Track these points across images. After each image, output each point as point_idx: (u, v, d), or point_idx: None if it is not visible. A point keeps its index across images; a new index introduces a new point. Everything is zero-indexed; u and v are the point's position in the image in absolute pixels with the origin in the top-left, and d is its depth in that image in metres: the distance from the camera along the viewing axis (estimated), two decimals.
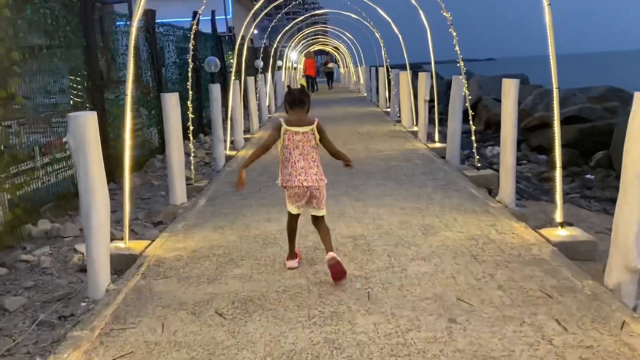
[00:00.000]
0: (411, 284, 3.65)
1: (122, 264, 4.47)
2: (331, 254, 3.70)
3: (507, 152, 5.60)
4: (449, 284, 3.61)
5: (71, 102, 7.65)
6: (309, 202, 3.83)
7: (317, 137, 3.76)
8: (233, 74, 10.37)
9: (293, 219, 3.99)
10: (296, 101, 3.78)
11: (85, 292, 3.99)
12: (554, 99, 4.52)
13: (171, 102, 6.10)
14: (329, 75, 30.65)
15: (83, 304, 3.85)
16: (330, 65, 31.21)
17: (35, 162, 6.64)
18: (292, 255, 4.07)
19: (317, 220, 3.91)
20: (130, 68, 4.45)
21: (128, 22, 10.38)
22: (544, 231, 4.65)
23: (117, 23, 9.42)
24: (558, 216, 4.63)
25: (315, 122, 3.77)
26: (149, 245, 4.76)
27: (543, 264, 3.91)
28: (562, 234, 4.56)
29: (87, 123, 3.72)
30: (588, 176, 9.50)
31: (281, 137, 3.74)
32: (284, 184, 3.82)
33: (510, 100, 5.52)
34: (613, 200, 8.42)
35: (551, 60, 4.41)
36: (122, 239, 4.78)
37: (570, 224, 5.42)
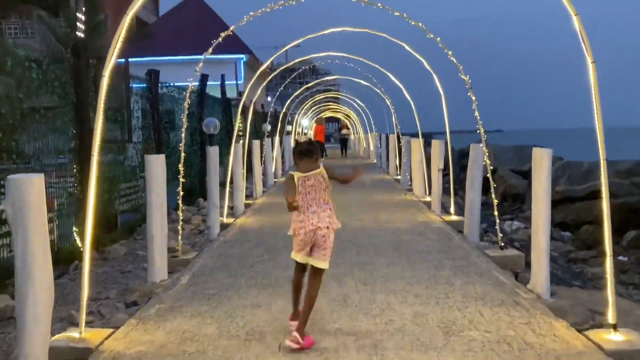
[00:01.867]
0: None
1: None
2: (295, 336, 3.52)
3: (539, 233, 4.80)
4: None
5: (57, 162, 7.08)
6: (313, 250, 3.72)
7: (326, 176, 3.80)
8: (234, 136, 9.79)
9: (299, 272, 3.91)
10: (304, 152, 3.85)
11: None
12: (602, 172, 3.77)
13: (156, 165, 5.43)
14: (344, 142, 28.02)
15: None
16: (345, 131, 28.84)
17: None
18: (297, 314, 3.83)
19: (314, 275, 3.76)
20: (99, 124, 3.81)
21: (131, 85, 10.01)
22: (592, 334, 3.78)
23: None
24: (610, 317, 3.77)
25: (322, 166, 3.85)
26: (110, 335, 3.94)
27: None
28: (616, 339, 3.69)
29: (29, 188, 3.01)
30: (620, 258, 8.60)
31: (296, 185, 3.76)
32: (296, 231, 3.76)
33: (543, 173, 4.77)
34: None
35: (596, 124, 3.70)
36: (86, 323, 3.96)
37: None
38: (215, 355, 3.53)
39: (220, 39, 6.88)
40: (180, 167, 6.48)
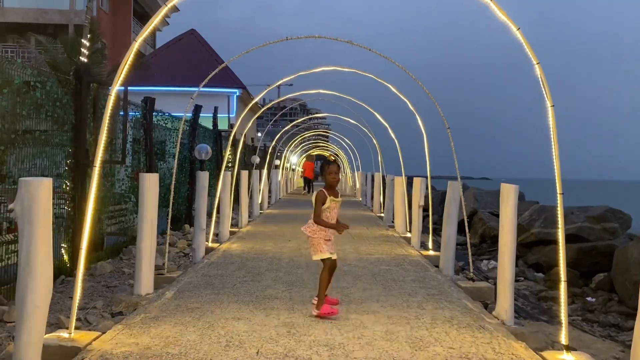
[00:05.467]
0: None
1: (60, 358, 3.86)
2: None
3: (505, 263, 5.15)
4: None
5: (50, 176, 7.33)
6: (332, 248, 5.05)
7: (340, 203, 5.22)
8: (223, 165, 10.13)
9: (328, 267, 4.98)
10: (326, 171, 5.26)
11: None
12: (558, 201, 4.16)
13: (149, 182, 5.74)
14: None
15: None
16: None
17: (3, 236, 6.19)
18: (328, 300, 5.00)
19: (334, 264, 5.08)
20: (103, 136, 4.14)
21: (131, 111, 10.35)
22: (547, 354, 4.09)
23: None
24: (563, 338, 4.09)
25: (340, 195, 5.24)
26: (97, 337, 4.16)
27: None
28: (567, 358, 4.00)
29: (38, 189, 3.31)
30: (589, 299, 8.94)
31: (328, 204, 5.01)
32: (326, 237, 4.98)
33: (509, 207, 5.16)
34: (618, 326, 7.91)
35: (554, 160, 4.11)
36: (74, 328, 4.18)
37: (573, 349, 4.85)
38: (196, 356, 3.78)
39: (217, 70, 7.30)
40: (172, 187, 6.78)
